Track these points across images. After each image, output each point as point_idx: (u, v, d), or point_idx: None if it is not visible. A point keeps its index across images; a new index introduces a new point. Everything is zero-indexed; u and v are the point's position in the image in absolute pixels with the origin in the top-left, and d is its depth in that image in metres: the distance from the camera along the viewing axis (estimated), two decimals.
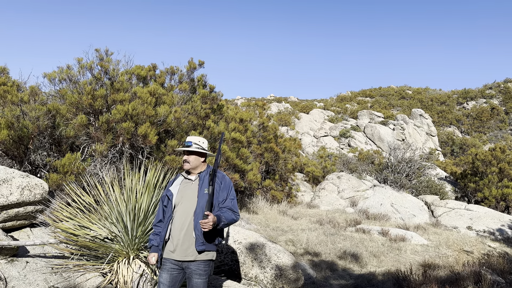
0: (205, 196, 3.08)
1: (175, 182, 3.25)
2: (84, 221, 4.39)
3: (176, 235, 3.04)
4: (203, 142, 3.24)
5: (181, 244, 3.02)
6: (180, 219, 3.07)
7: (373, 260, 7.46)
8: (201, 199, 3.08)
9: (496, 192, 15.32)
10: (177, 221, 3.07)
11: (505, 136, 42.00)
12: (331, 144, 32.58)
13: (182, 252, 3.02)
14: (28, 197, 4.63)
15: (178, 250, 3.02)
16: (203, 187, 3.12)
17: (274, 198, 12.67)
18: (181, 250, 3.02)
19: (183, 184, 3.22)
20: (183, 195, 3.14)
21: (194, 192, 3.14)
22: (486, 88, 53.47)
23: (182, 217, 3.07)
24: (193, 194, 3.13)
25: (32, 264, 4.04)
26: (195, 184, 3.19)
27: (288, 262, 5.10)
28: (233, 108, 13.68)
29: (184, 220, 3.06)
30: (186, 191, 3.16)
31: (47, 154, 6.67)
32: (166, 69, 9.94)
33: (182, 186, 3.20)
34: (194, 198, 3.11)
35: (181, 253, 3.02)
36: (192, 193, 3.14)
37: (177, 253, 3.02)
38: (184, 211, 3.08)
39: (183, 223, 3.06)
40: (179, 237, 3.03)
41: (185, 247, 3.02)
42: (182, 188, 3.18)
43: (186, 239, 3.03)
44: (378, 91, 60.84)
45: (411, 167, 18.25)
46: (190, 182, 3.21)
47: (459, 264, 7.25)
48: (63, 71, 7.79)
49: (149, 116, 7.12)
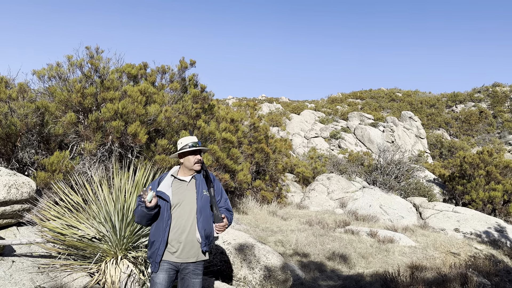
0: (205, 198, 3.09)
1: (164, 183, 3.14)
2: (72, 220, 4.35)
3: (177, 238, 3.00)
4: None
5: (183, 247, 3.00)
6: (180, 221, 3.03)
7: (361, 261, 7.50)
8: (201, 200, 3.07)
9: (483, 195, 15.52)
10: (177, 223, 3.02)
11: (493, 140, 42.57)
12: (322, 145, 32.70)
13: (184, 254, 3.01)
14: (15, 195, 4.57)
15: (180, 252, 3.00)
16: (201, 188, 3.12)
17: (264, 199, 12.69)
18: (183, 252, 3.00)
19: (176, 185, 3.14)
20: (180, 197, 3.08)
21: (193, 194, 3.10)
22: (475, 92, 54.15)
23: (182, 219, 3.03)
24: (192, 196, 3.10)
25: (18, 263, 3.99)
26: (192, 185, 3.14)
27: (277, 263, 5.11)
28: (224, 108, 13.66)
29: (185, 222, 3.03)
30: (183, 192, 3.10)
31: (35, 152, 6.59)
32: (157, 68, 9.89)
33: (175, 187, 3.12)
34: (194, 200, 3.08)
35: (184, 255, 3.01)
36: (191, 195, 3.10)
37: (178, 255, 3.00)
38: (184, 212, 3.05)
39: (184, 225, 3.02)
40: (181, 239, 3.00)
41: (187, 249, 3.01)
42: (177, 189, 3.11)
43: (188, 241, 3.02)
44: (369, 93, 61.24)
45: (400, 169, 18.41)
46: (185, 183, 3.15)
47: (446, 266, 7.33)
48: (52, 69, 7.71)
49: (139, 115, 7.08)
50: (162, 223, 3.01)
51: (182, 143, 3.16)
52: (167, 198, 3.04)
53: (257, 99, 59.78)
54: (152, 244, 3.03)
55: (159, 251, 2.97)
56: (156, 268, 2.97)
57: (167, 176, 3.19)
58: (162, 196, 3.04)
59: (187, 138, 3.18)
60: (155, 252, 2.99)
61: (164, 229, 2.99)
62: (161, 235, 2.99)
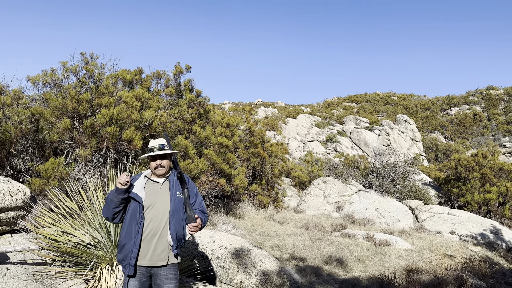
0: (178, 200, 3.06)
1: (138, 184, 3.08)
2: (66, 227, 4.33)
3: (148, 241, 2.95)
4: (166, 142, 3.17)
5: (154, 249, 2.95)
6: (152, 223, 2.98)
7: (358, 264, 7.51)
8: (175, 202, 3.04)
9: (478, 197, 15.58)
10: (149, 225, 2.97)
11: (487, 142, 42.82)
12: (318, 149, 32.76)
13: (155, 258, 2.95)
14: (9, 202, 4.55)
15: (150, 256, 2.94)
16: (175, 190, 3.08)
17: (261, 203, 12.68)
18: (154, 256, 2.95)
19: (149, 186, 3.09)
20: (153, 199, 3.03)
21: (166, 196, 3.06)
22: (469, 95, 54.51)
23: (154, 222, 2.98)
24: (165, 198, 3.05)
25: (12, 271, 3.97)
26: (165, 187, 3.10)
27: (273, 268, 5.11)
28: (220, 112, 13.66)
29: (157, 224, 2.99)
30: (156, 194, 3.06)
31: (30, 158, 6.56)
32: (153, 73, 9.89)
33: (148, 188, 3.08)
34: (167, 202, 3.04)
35: (154, 258, 2.95)
36: (164, 197, 3.06)
37: (148, 258, 2.94)
38: (157, 215, 3.00)
39: (156, 227, 2.98)
40: (152, 242, 2.95)
41: (158, 252, 2.96)
42: (150, 191, 3.06)
43: (160, 243, 2.97)
44: (364, 97, 61.49)
45: (396, 172, 18.47)
46: (158, 185, 3.10)
47: (442, 269, 7.35)
48: (47, 75, 7.69)
49: (135, 121, 7.07)
50: (135, 225, 2.95)
51: (149, 146, 3.13)
52: (140, 200, 2.98)
53: (253, 104, 59.87)
54: (124, 247, 2.95)
55: (133, 253, 2.90)
56: (132, 270, 2.91)
57: (141, 177, 3.13)
58: (135, 198, 2.99)
59: (153, 140, 3.15)
60: (128, 255, 2.92)
61: (137, 231, 2.93)
62: (133, 238, 2.93)
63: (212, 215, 9.37)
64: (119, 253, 3.00)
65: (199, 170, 8.13)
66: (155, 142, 3.12)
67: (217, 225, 8.73)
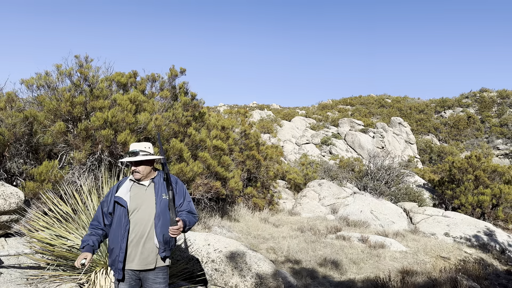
0: (164, 202, 3.03)
1: (123, 187, 3.06)
2: (61, 230, 4.31)
3: (134, 244, 2.93)
4: (149, 147, 3.13)
5: (141, 253, 2.93)
6: (138, 226, 2.96)
7: (353, 267, 7.53)
8: (160, 204, 3.01)
9: (472, 199, 15.68)
10: (135, 229, 2.96)
11: (481, 144, 43.14)
12: (313, 151, 32.82)
13: (142, 261, 2.93)
14: (3, 206, 4.53)
15: (138, 259, 2.93)
16: (160, 192, 3.06)
17: (256, 206, 12.68)
18: (141, 259, 2.93)
19: (134, 189, 3.07)
20: (139, 202, 3.01)
21: (151, 198, 3.04)
22: (463, 97, 54.90)
23: (140, 225, 2.96)
24: (151, 200, 3.03)
25: (6, 275, 3.95)
26: (151, 190, 3.08)
27: (268, 270, 5.11)
28: (215, 115, 13.66)
29: (143, 227, 2.96)
30: (141, 197, 3.04)
31: (23, 161, 6.52)
32: (147, 76, 9.89)
33: (133, 192, 3.05)
34: (152, 204, 3.02)
35: (142, 261, 2.93)
36: (149, 199, 3.03)
37: (136, 262, 2.93)
38: (142, 218, 2.98)
39: (142, 230, 2.96)
40: (139, 245, 2.94)
41: (145, 255, 2.94)
42: (135, 194, 3.04)
43: (147, 247, 2.95)
44: (359, 99, 61.73)
45: (390, 175, 18.54)
46: (143, 187, 3.08)
47: (436, 271, 7.39)
48: (41, 78, 7.66)
49: (129, 124, 7.06)
50: (120, 229, 2.93)
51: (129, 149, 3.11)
52: (124, 204, 2.96)
53: (248, 106, 59.89)
54: (112, 251, 2.95)
55: (120, 257, 2.89)
56: (121, 275, 2.90)
57: (127, 181, 3.11)
58: (120, 202, 2.98)
59: (133, 144, 3.12)
60: (116, 259, 2.91)
61: (123, 235, 2.91)
62: (119, 242, 2.91)
63: (207, 218, 9.35)
64: (109, 258, 3.00)
65: (194, 173, 8.12)
66: (134, 146, 3.09)
67: (212, 228, 8.71)
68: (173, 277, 4.58)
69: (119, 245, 2.91)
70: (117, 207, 3.00)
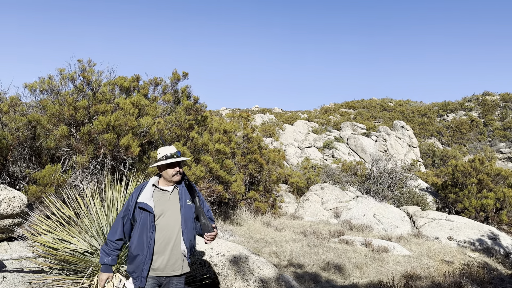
0: (188, 208, 3.01)
1: (145, 192, 3.01)
2: (63, 234, 4.31)
3: (161, 251, 2.90)
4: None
5: (168, 259, 2.91)
6: (164, 233, 2.93)
7: (356, 271, 7.49)
8: (185, 210, 3.00)
9: (475, 203, 15.61)
10: (161, 235, 2.92)
11: (484, 148, 43.00)
12: (315, 155, 32.79)
13: (169, 267, 2.92)
14: (6, 210, 4.53)
15: (164, 266, 2.90)
16: (185, 198, 3.04)
17: (258, 210, 12.65)
18: (168, 265, 2.91)
19: (157, 195, 3.03)
20: (163, 208, 2.98)
21: (176, 204, 3.01)
22: (466, 101, 54.81)
23: (167, 231, 2.93)
24: (176, 206, 3.00)
25: (9, 279, 3.94)
26: (175, 195, 3.05)
27: (271, 275, 5.09)
28: (218, 119, 13.68)
29: (170, 234, 2.93)
30: (166, 203, 3.00)
31: (26, 165, 6.54)
32: (150, 80, 9.91)
33: (157, 197, 3.01)
34: (177, 210, 2.99)
35: (169, 268, 2.92)
36: (174, 205, 3.01)
37: (162, 268, 2.90)
38: (168, 224, 2.95)
39: (169, 237, 2.93)
40: (166, 252, 2.91)
41: (172, 262, 2.92)
42: (158, 200, 3.00)
43: (174, 253, 2.93)
44: (361, 103, 61.73)
45: (393, 178, 18.48)
46: (167, 193, 3.05)
47: (440, 275, 7.34)
48: (44, 82, 7.69)
49: (132, 127, 7.07)
50: (147, 236, 2.89)
51: (160, 153, 3.06)
52: (150, 210, 2.92)
53: (250, 110, 59.99)
54: (135, 258, 2.90)
55: (145, 264, 2.86)
56: (144, 282, 2.86)
57: (148, 186, 3.06)
58: (146, 208, 2.93)
59: (165, 148, 3.07)
60: (140, 266, 2.87)
61: (149, 242, 2.88)
62: (145, 248, 2.87)
63: None
64: (129, 264, 2.94)
65: (197, 177, 8.12)
66: (167, 150, 3.05)
67: None
68: None
69: (145, 251, 2.86)
70: (141, 213, 2.95)
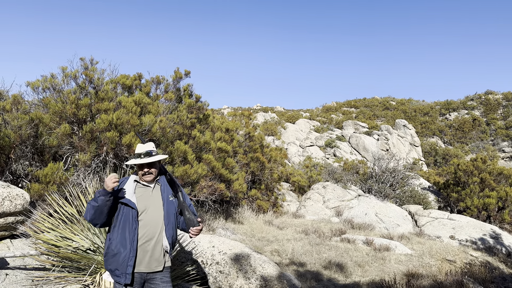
0: (171, 203, 3.02)
1: (127, 189, 2.95)
2: (66, 232, 4.32)
3: (144, 247, 2.88)
4: (154, 147, 3.07)
5: (151, 255, 2.89)
6: (147, 229, 2.90)
7: (357, 270, 7.49)
8: (168, 206, 2.99)
9: (477, 202, 15.58)
10: (144, 231, 2.89)
11: (486, 147, 42.89)
12: (317, 153, 32.77)
13: (153, 263, 2.90)
14: (9, 207, 4.55)
15: (148, 262, 2.88)
16: (167, 194, 3.03)
17: (260, 208, 12.66)
18: (150, 261, 2.89)
19: (139, 191, 2.99)
20: (146, 204, 2.95)
21: (159, 200, 3.00)
22: (468, 100, 54.67)
23: (150, 227, 2.91)
24: (158, 202, 2.99)
25: (12, 276, 3.96)
26: (157, 191, 3.03)
27: (273, 273, 5.10)
28: (219, 117, 13.68)
29: (153, 230, 2.91)
30: (148, 198, 2.97)
31: (29, 163, 6.56)
32: (152, 79, 9.92)
33: (139, 193, 2.97)
34: (160, 206, 2.98)
35: (152, 264, 2.90)
36: (157, 201, 2.99)
37: (146, 265, 2.88)
38: (151, 220, 2.92)
39: (152, 233, 2.91)
40: (148, 248, 2.88)
41: (156, 257, 2.91)
42: (140, 196, 2.96)
43: (157, 249, 2.91)
44: (363, 101, 61.63)
45: (395, 177, 18.46)
46: (149, 189, 3.02)
47: (442, 273, 7.34)
48: (47, 80, 7.71)
49: (134, 126, 7.08)
50: (129, 232, 2.84)
51: (136, 151, 3.01)
52: (133, 205, 2.88)
53: (252, 109, 59.95)
54: (116, 255, 2.83)
55: (130, 261, 2.81)
56: (129, 279, 2.80)
57: (129, 181, 3.01)
58: (128, 204, 2.88)
59: (140, 146, 3.02)
60: (124, 263, 2.81)
61: (132, 238, 2.83)
62: (129, 245, 2.82)
63: (211, 220, 9.35)
64: (110, 261, 2.86)
65: (199, 175, 8.13)
66: (143, 147, 3.00)
67: (216, 230, 8.71)
68: (178, 279, 4.57)
69: (128, 248, 2.82)
70: (123, 208, 2.89)
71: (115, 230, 2.89)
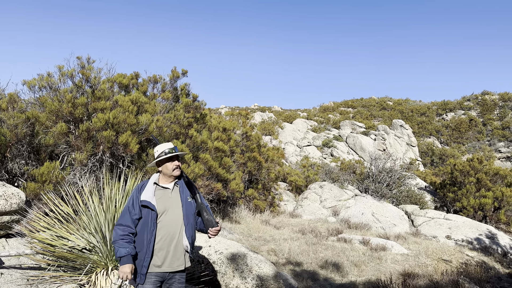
0: (190, 204, 3.08)
1: (147, 191, 3.02)
2: (62, 231, 4.31)
3: (165, 247, 2.94)
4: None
5: (173, 255, 2.96)
6: (167, 230, 2.96)
7: (354, 269, 7.50)
8: (186, 207, 3.05)
9: (474, 202, 15.63)
10: (164, 232, 2.95)
11: (483, 147, 43.05)
12: (314, 153, 32.80)
13: (173, 263, 2.96)
14: (4, 206, 4.53)
15: (169, 262, 2.94)
16: (185, 195, 3.10)
17: (257, 208, 12.66)
18: (171, 261, 2.95)
19: (159, 193, 3.06)
20: (166, 205, 3.01)
21: (178, 201, 3.06)
22: (465, 100, 54.84)
23: (169, 228, 2.97)
24: (177, 203, 3.05)
25: (6, 275, 3.94)
26: (176, 193, 3.10)
27: (269, 272, 5.10)
28: (217, 117, 13.67)
29: (173, 230, 2.98)
30: (168, 200, 3.04)
31: (25, 162, 6.53)
32: (149, 78, 9.90)
33: (159, 195, 3.04)
34: (179, 207, 3.04)
35: (172, 264, 2.95)
36: (176, 202, 3.05)
37: (166, 265, 2.94)
38: (171, 221, 2.99)
39: (172, 233, 2.97)
40: (169, 248, 2.95)
41: (176, 257, 2.97)
42: (160, 198, 3.03)
43: (177, 249, 2.98)
44: (360, 101, 61.72)
45: (392, 177, 18.49)
46: (168, 191, 3.09)
47: (438, 273, 7.36)
48: (43, 79, 7.68)
49: (131, 125, 7.06)
50: (147, 233, 2.91)
51: (158, 151, 3.09)
52: (153, 207, 2.95)
53: (250, 108, 59.95)
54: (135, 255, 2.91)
55: (145, 262, 2.88)
56: (143, 280, 2.88)
57: (149, 184, 3.08)
58: (149, 206, 2.95)
59: (163, 145, 3.12)
60: (140, 264, 2.89)
61: (149, 240, 2.90)
62: (145, 246, 2.89)
63: None
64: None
65: (195, 175, 8.12)
66: (165, 146, 3.10)
67: None
68: None
69: (145, 249, 2.89)
70: (143, 210, 2.97)
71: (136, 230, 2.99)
